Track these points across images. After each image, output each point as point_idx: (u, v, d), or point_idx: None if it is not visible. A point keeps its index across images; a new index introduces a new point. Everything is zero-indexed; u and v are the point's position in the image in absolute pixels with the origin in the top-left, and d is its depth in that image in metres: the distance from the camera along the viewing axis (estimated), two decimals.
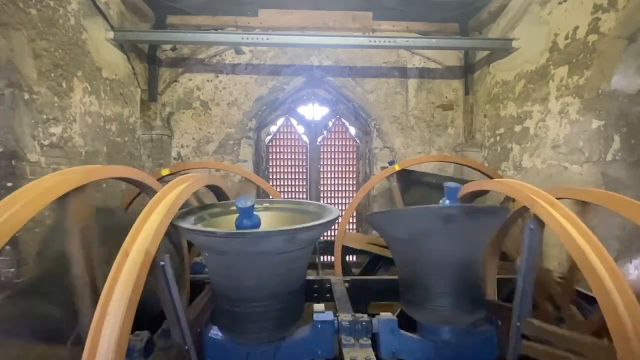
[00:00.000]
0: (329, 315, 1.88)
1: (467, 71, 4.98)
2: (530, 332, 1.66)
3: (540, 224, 1.63)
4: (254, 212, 1.70)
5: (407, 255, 2.02)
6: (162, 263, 1.40)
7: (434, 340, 1.92)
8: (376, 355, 1.71)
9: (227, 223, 1.93)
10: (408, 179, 3.79)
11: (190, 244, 2.26)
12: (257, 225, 1.70)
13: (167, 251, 1.59)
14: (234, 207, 2.02)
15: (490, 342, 1.95)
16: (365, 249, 3.65)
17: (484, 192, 2.43)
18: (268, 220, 1.97)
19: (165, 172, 3.65)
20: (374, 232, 4.03)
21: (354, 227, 5.64)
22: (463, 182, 2.40)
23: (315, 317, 1.87)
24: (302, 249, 1.71)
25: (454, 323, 1.90)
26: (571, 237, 1.41)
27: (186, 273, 2.16)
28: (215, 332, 1.86)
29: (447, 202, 2.03)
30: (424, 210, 1.90)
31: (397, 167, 3.57)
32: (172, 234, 1.78)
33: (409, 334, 1.94)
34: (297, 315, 1.84)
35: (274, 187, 5.25)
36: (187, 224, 1.62)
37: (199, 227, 1.56)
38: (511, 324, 1.71)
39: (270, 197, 3.90)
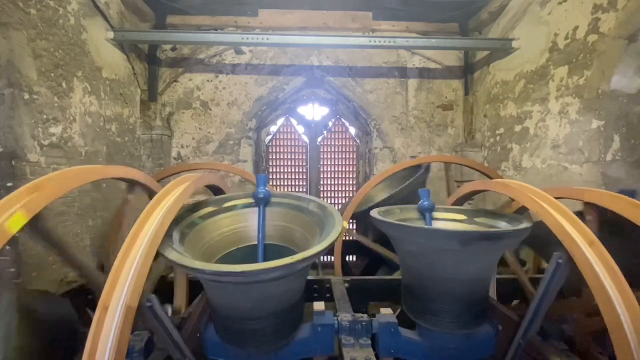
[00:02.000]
0: (329, 315, 1.88)
1: (467, 71, 4.98)
2: (532, 352, 1.65)
3: (569, 259, 1.44)
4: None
5: (414, 266, 1.94)
6: (148, 304, 1.31)
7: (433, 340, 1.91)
8: (376, 355, 1.71)
9: (220, 226, 1.90)
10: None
11: None
12: (269, 196, 1.95)
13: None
14: (228, 203, 2.01)
15: (489, 343, 1.94)
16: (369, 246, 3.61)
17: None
18: (266, 217, 1.96)
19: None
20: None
21: (354, 227, 5.63)
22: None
23: (315, 317, 1.87)
24: (301, 269, 1.62)
25: (454, 333, 1.87)
26: (571, 237, 1.41)
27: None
28: (215, 334, 1.86)
29: (426, 203, 2.15)
30: (441, 233, 1.76)
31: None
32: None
33: (409, 333, 1.93)
34: (296, 324, 1.81)
35: (274, 187, 5.25)
36: (176, 248, 1.51)
37: (188, 261, 1.40)
38: (514, 338, 1.68)
39: None
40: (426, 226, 2.11)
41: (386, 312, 1.94)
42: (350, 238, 3.90)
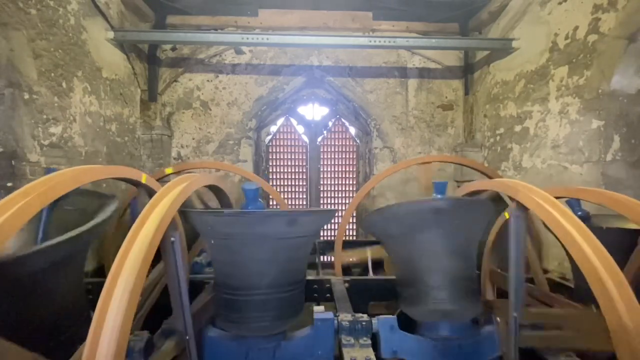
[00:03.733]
0: (329, 315, 1.88)
1: (467, 71, 4.98)
2: (527, 319, 1.67)
3: (524, 210, 1.66)
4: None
5: (402, 251, 2.10)
6: (172, 239, 1.43)
7: (434, 339, 1.92)
8: (376, 355, 1.71)
9: None
10: None
11: (189, 243, 2.26)
12: (261, 209, 1.89)
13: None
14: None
15: (491, 341, 1.95)
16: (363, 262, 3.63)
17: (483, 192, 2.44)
18: None
19: (169, 170, 3.67)
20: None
21: (354, 227, 5.64)
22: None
23: (315, 317, 1.87)
24: (302, 238, 1.78)
25: (452, 317, 1.91)
26: (571, 236, 1.41)
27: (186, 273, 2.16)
28: (215, 332, 1.86)
29: (438, 196, 2.16)
30: (414, 206, 2.02)
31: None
32: None
33: (409, 334, 1.94)
34: (296, 310, 1.87)
35: (274, 187, 5.25)
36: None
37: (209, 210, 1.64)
38: (508, 316, 1.72)
39: (271, 196, 3.91)
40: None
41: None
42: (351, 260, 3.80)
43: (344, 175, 5.66)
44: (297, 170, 5.62)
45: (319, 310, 1.92)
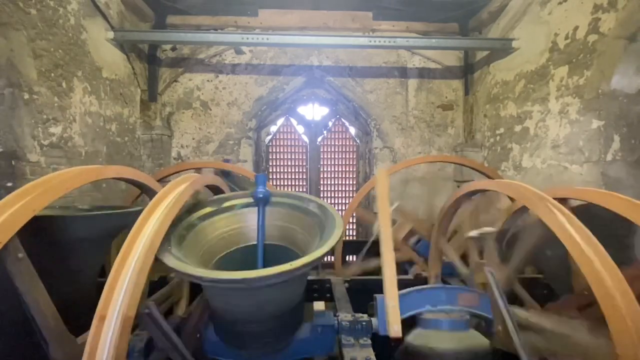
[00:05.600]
0: (329, 315, 1.88)
1: (467, 71, 4.98)
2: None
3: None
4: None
5: None
6: (146, 311, 1.32)
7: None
8: (376, 355, 1.71)
9: (219, 227, 1.90)
10: None
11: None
12: (268, 196, 1.90)
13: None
14: (227, 203, 2.00)
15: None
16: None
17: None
18: (266, 218, 1.96)
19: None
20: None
21: (354, 227, 5.64)
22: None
23: (315, 317, 1.87)
24: (302, 274, 1.61)
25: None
26: (571, 236, 1.41)
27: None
28: (215, 333, 1.86)
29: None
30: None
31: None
32: None
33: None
34: (297, 325, 1.81)
35: (274, 187, 5.25)
36: (174, 253, 1.48)
37: (186, 267, 1.39)
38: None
39: None
40: None
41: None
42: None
43: (344, 175, 5.66)
44: (297, 170, 5.62)
45: (318, 308, 1.91)
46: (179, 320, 1.76)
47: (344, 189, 5.67)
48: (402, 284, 1.88)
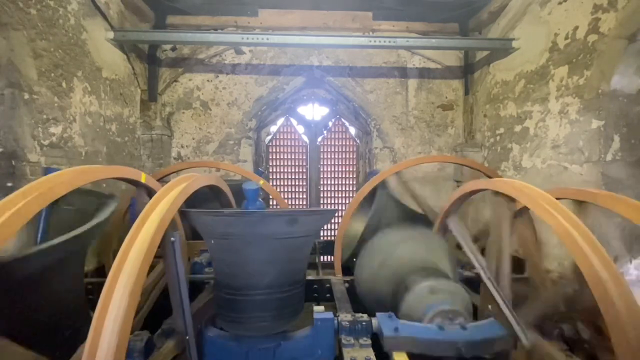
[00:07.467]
0: (329, 315, 1.88)
1: (467, 71, 4.98)
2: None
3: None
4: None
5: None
6: (172, 239, 1.43)
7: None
8: (376, 355, 1.71)
9: None
10: None
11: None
12: (262, 209, 1.90)
13: None
14: None
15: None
16: None
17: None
18: None
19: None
20: None
21: None
22: None
23: (315, 317, 1.87)
24: (302, 237, 1.77)
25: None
26: (571, 237, 1.41)
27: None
28: (215, 332, 1.86)
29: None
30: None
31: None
32: None
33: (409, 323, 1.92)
34: (296, 310, 1.88)
35: (274, 187, 5.25)
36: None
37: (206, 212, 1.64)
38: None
39: (270, 197, 3.90)
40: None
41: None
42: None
43: (344, 175, 5.66)
44: (297, 170, 5.62)
45: (319, 310, 1.92)
46: None
47: (344, 189, 5.67)
48: None
